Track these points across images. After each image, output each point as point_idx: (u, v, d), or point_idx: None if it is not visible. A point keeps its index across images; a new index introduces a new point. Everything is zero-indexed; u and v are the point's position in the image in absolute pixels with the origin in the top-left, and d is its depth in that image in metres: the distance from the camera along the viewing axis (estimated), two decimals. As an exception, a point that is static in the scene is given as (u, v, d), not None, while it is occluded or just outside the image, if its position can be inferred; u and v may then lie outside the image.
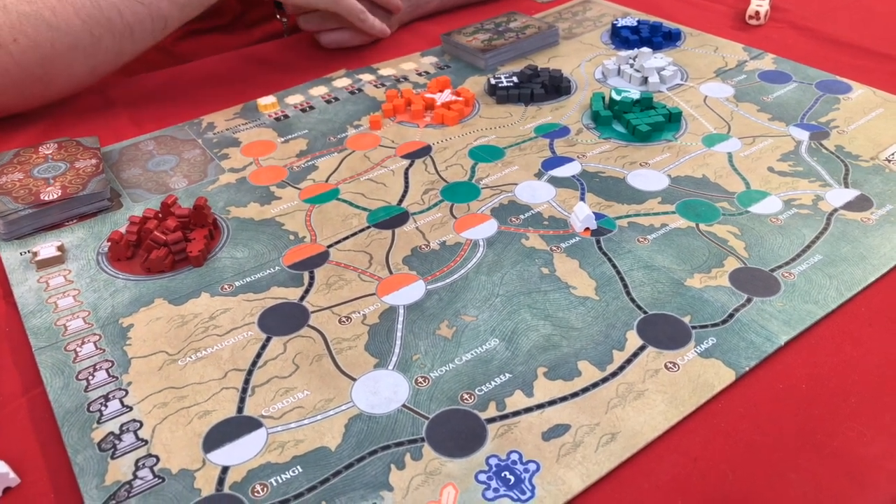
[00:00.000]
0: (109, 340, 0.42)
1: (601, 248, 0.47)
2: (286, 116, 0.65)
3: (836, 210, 0.49)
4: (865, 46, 0.70)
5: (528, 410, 0.37)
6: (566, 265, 0.46)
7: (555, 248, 0.47)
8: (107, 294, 0.46)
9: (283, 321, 0.43)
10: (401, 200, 0.53)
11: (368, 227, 0.50)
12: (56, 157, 0.56)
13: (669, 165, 0.55)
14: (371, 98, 0.67)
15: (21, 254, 0.49)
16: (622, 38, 0.74)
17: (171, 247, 0.47)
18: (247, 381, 0.39)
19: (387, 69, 0.72)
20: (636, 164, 0.55)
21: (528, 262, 0.46)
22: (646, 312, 0.42)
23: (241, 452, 0.35)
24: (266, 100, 0.67)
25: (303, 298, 0.44)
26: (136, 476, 0.34)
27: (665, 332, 0.41)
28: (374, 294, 0.44)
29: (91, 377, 0.40)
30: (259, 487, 0.34)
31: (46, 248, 0.49)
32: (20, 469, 0.36)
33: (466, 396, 0.38)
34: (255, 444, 0.36)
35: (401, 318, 0.43)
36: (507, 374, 0.39)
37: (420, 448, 0.35)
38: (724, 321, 0.41)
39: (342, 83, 0.70)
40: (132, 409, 0.38)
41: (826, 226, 0.48)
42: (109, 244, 0.49)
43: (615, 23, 0.76)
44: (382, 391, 0.38)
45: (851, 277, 0.44)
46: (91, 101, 0.69)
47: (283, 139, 0.62)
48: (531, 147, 0.58)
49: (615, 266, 0.45)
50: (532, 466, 0.34)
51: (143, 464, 0.35)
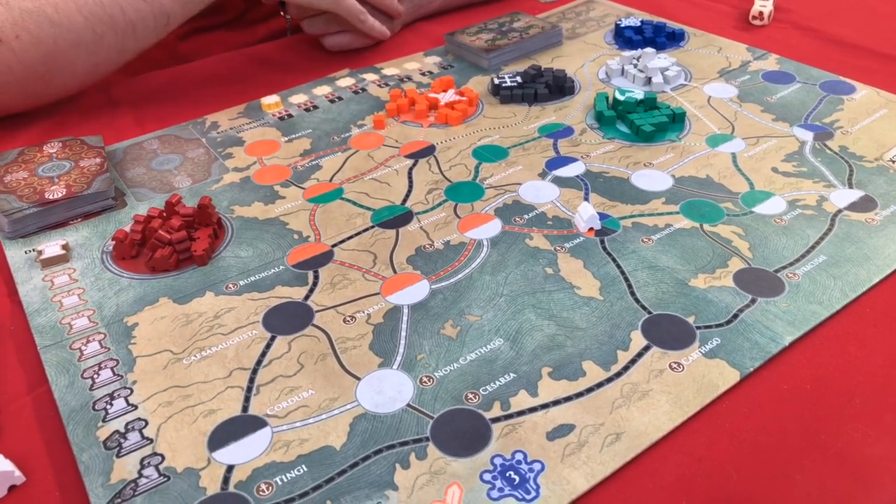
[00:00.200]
0: (114, 339, 0.42)
1: (605, 249, 0.47)
2: (290, 116, 0.65)
3: (841, 211, 0.49)
4: (869, 47, 0.70)
5: (533, 410, 0.37)
6: (570, 265, 0.46)
7: (559, 248, 0.47)
8: (111, 293, 0.46)
9: (288, 320, 0.43)
10: (405, 200, 0.53)
11: (372, 227, 0.50)
12: (60, 156, 0.56)
13: (673, 166, 0.55)
14: (375, 98, 0.67)
15: (26, 252, 0.50)
16: (626, 39, 0.74)
17: (176, 246, 0.47)
18: (251, 380, 0.39)
19: (390, 69, 0.72)
20: (640, 165, 0.55)
21: (533, 262, 0.46)
22: (650, 313, 0.42)
23: (246, 451, 0.35)
24: (269, 99, 0.67)
25: (307, 298, 0.44)
26: (142, 474, 0.34)
27: (669, 333, 0.41)
28: (379, 293, 0.44)
29: (96, 376, 0.40)
30: (264, 486, 0.34)
31: (51, 247, 0.49)
32: (25, 467, 0.36)
33: (471, 396, 0.38)
34: (260, 443, 0.36)
35: (405, 318, 0.43)
36: (512, 374, 0.39)
37: (425, 447, 0.35)
38: (729, 322, 0.41)
39: (346, 83, 0.70)
40: (137, 408, 0.38)
41: (830, 226, 0.48)
42: (114, 243, 0.49)
43: (619, 23, 0.76)
44: (387, 391, 0.38)
45: (856, 278, 0.44)
46: (95, 100, 0.69)
47: (287, 138, 0.62)
48: (535, 147, 0.58)
49: (619, 266, 0.45)
50: (537, 466, 0.34)
51: (149, 462, 0.35)
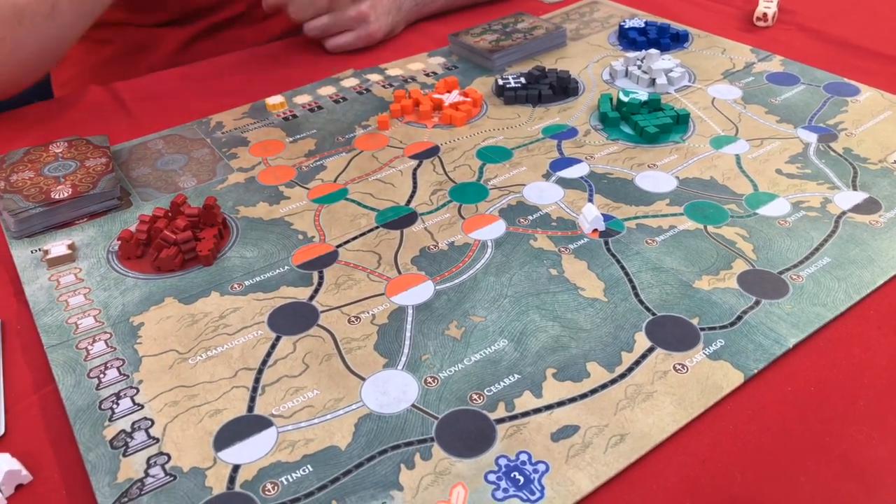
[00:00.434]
0: (120, 339, 0.42)
1: (609, 250, 0.47)
2: (294, 116, 0.65)
3: (845, 213, 0.49)
4: (874, 49, 0.70)
5: (538, 411, 0.37)
6: (574, 266, 0.46)
7: (563, 250, 0.47)
8: (117, 292, 0.46)
9: (293, 321, 0.43)
10: (409, 201, 0.53)
11: (377, 227, 0.50)
12: (66, 156, 0.57)
13: (677, 167, 0.55)
14: (379, 98, 0.68)
15: (32, 252, 0.50)
16: (630, 40, 0.74)
17: (181, 246, 0.48)
18: (257, 381, 0.39)
19: (395, 69, 0.73)
20: (644, 166, 0.55)
21: (537, 263, 0.46)
22: (654, 314, 0.42)
23: (252, 451, 0.36)
24: (274, 99, 0.67)
25: (312, 298, 0.45)
26: (148, 474, 0.35)
27: (673, 334, 0.41)
28: (383, 294, 0.45)
29: (102, 375, 0.40)
30: (270, 486, 0.34)
31: (57, 247, 0.49)
32: (32, 466, 0.36)
33: (475, 397, 0.38)
34: (266, 443, 0.36)
35: (410, 319, 0.43)
36: (516, 375, 0.39)
37: (430, 448, 0.35)
38: (733, 323, 0.41)
39: (350, 83, 0.70)
40: (143, 407, 0.38)
41: (834, 228, 0.48)
42: (120, 243, 0.49)
43: (623, 24, 0.76)
44: (392, 391, 0.38)
45: (860, 280, 0.44)
46: (100, 100, 0.70)
47: (292, 139, 0.62)
48: (539, 148, 0.58)
49: (623, 267, 0.46)
50: (541, 467, 0.34)
51: (155, 462, 0.35)
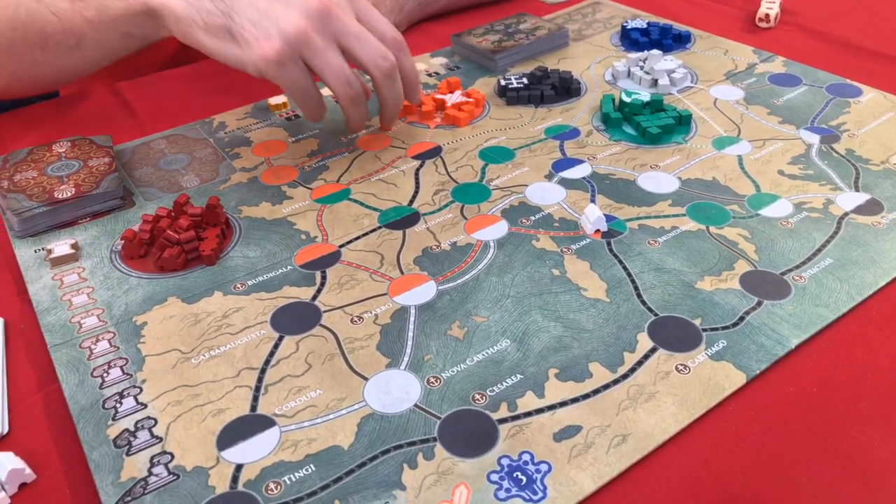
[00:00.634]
0: (123, 338, 0.43)
1: (612, 250, 0.47)
2: (297, 116, 0.65)
3: (847, 214, 0.49)
4: (876, 50, 0.70)
5: (540, 411, 0.37)
6: (577, 267, 0.46)
7: (565, 250, 0.47)
8: (120, 292, 0.46)
9: (296, 320, 0.43)
10: (412, 201, 0.53)
11: (379, 228, 0.51)
12: (69, 156, 0.57)
13: (680, 168, 0.55)
14: (381, 98, 0.67)
15: (35, 251, 0.50)
16: (632, 41, 0.74)
17: (184, 245, 0.48)
18: (260, 380, 0.39)
19: (397, 69, 0.73)
20: (646, 167, 0.55)
21: (539, 264, 0.46)
22: (656, 315, 0.42)
23: (255, 450, 0.36)
24: (276, 99, 0.67)
25: (315, 298, 0.45)
26: (152, 473, 0.35)
27: (676, 335, 0.41)
28: (386, 294, 0.45)
29: (106, 374, 0.40)
30: (273, 485, 0.34)
31: (60, 246, 0.49)
32: (36, 465, 0.36)
33: (478, 397, 0.38)
34: (269, 443, 0.36)
35: (412, 319, 0.43)
36: (519, 375, 0.39)
37: (432, 448, 0.35)
38: (735, 324, 0.41)
39: (352, 83, 0.70)
40: (147, 407, 0.38)
41: (837, 229, 0.48)
42: (123, 242, 0.49)
43: (625, 25, 0.76)
44: (394, 391, 0.38)
45: (862, 281, 0.44)
46: (103, 100, 0.70)
47: (294, 139, 0.62)
48: (541, 148, 0.59)
49: (626, 268, 0.46)
50: (544, 467, 0.34)
51: (158, 461, 0.35)
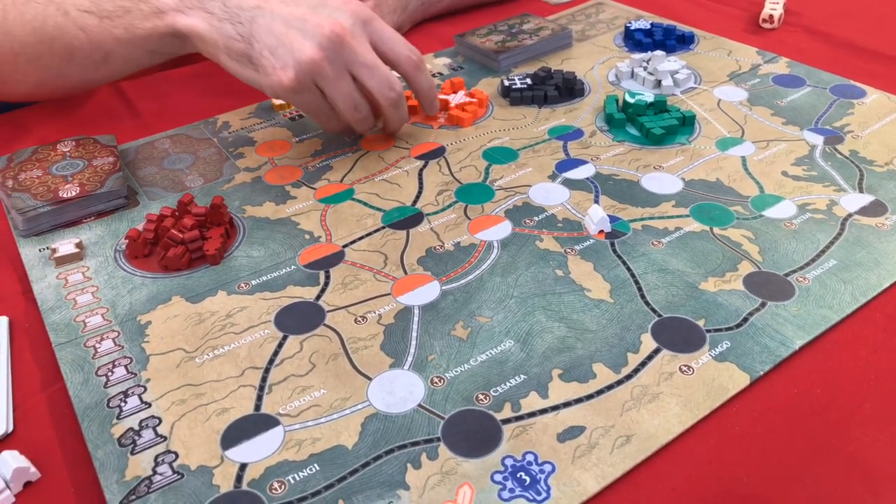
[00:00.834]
0: (128, 337, 0.43)
1: (615, 251, 0.47)
2: (300, 116, 0.66)
3: (851, 215, 0.49)
4: (880, 51, 0.70)
5: (544, 412, 0.37)
6: (580, 267, 0.46)
7: (569, 251, 0.47)
8: (125, 291, 0.46)
9: (300, 320, 0.43)
10: (415, 201, 0.53)
11: (383, 228, 0.51)
12: (74, 155, 0.57)
13: (683, 169, 0.55)
14: (385, 98, 0.68)
15: (40, 250, 0.50)
16: (635, 41, 0.74)
17: (188, 245, 0.48)
18: (264, 379, 0.39)
19: (400, 70, 0.73)
20: (650, 168, 0.55)
21: (543, 264, 0.46)
22: (660, 315, 0.42)
23: (259, 450, 0.36)
24: (280, 99, 0.67)
25: (319, 298, 0.45)
26: (156, 471, 0.35)
27: (679, 336, 0.41)
28: (390, 294, 0.45)
29: (110, 373, 0.40)
30: (277, 485, 0.34)
31: (65, 245, 0.49)
32: (40, 463, 0.36)
33: (482, 397, 0.38)
34: (273, 442, 0.36)
35: (416, 319, 0.43)
36: (522, 376, 0.39)
37: (436, 448, 0.35)
38: (739, 325, 0.41)
39: (356, 83, 0.70)
40: (151, 406, 0.38)
41: (840, 231, 0.48)
42: (127, 241, 0.49)
43: (628, 25, 0.76)
44: (398, 391, 0.38)
45: (866, 283, 0.44)
46: (108, 100, 0.70)
47: (298, 139, 0.62)
48: (545, 149, 0.59)
49: (629, 269, 0.46)
50: (547, 467, 0.34)
51: (163, 459, 0.35)
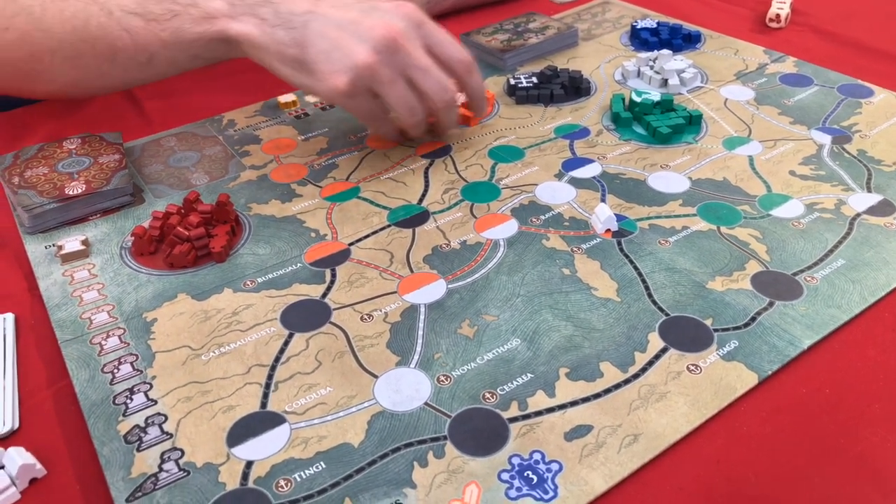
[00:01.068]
0: (134, 334, 0.43)
1: (622, 250, 0.47)
2: (306, 114, 0.65)
3: (859, 215, 0.49)
4: (888, 51, 0.70)
5: (551, 411, 0.37)
6: (587, 266, 0.46)
7: (576, 249, 0.47)
8: (130, 288, 0.46)
9: (306, 318, 0.43)
10: (421, 199, 0.53)
11: (389, 226, 0.50)
12: (80, 152, 0.57)
13: (690, 168, 0.55)
14: (391, 97, 0.67)
15: (46, 247, 0.50)
16: (642, 40, 0.74)
17: (194, 242, 0.48)
18: (270, 377, 0.39)
19: (406, 68, 0.72)
20: (657, 166, 0.55)
21: (549, 263, 0.46)
22: (667, 314, 0.42)
23: (265, 447, 0.36)
24: (286, 97, 0.67)
25: (325, 295, 0.45)
26: (162, 469, 0.35)
27: (687, 335, 0.41)
28: (396, 292, 0.45)
29: (116, 370, 0.40)
30: (283, 482, 0.34)
31: (71, 242, 0.49)
32: (46, 460, 0.36)
33: (488, 395, 0.38)
34: (279, 440, 0.36)
35: (422, 317, 0.43)
36: (529, 374, 0.39)
37: (442, 446, 0.35)
38: (747, 324, 0.41)
39: (362, 82, 0.70)
40: (157, 403, 0.38)
41: (849, 230, 0.48)
42: (133, 239, 0.49)
43: (635, 24, 0.76)
44: (404, 389, 0.38)
45: (875, 282, 0.43)
46: (114, 97, 0.70)
47: (304, 137, 0.62)
48: (551, 148, 0.58)
49: (636, 268, 0.45)
50: (555, 466, 0.34)
51: (169, 457, 0.35)
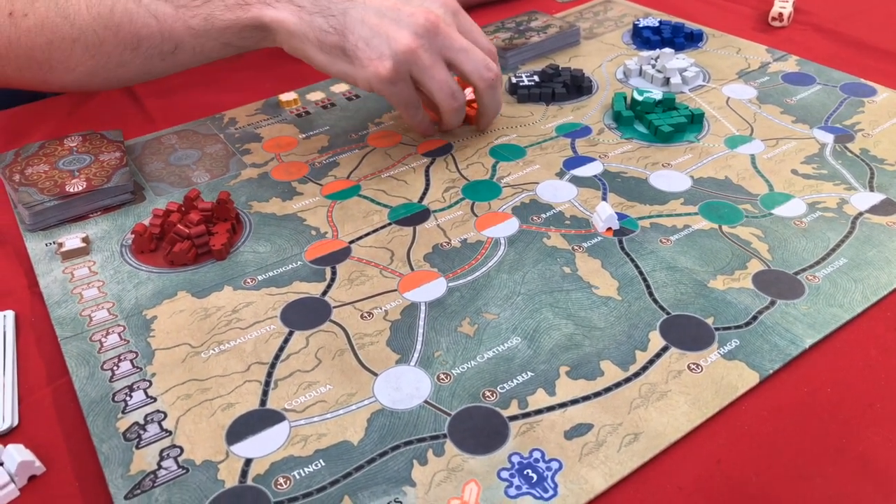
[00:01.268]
0: (133, 332, 0.43)
1: (623, 249, 0.47)
2: (307, 113, 0.65)
3: (862, 214, 0.49)
4: (890, 50, 0.69)
5: (551, 409, 0.37)
6: (588, 265, 0.46)
7: (577, 248, 0.47)
8: (130, 286, 0.46)
9: (306, 315, 0.43)
10: (422, 198, 0.53)
11: (390, 224, 0.50)
12: (81, 150, 0.57)
13: (692, 166, 0.55)
14: (392, 95, 0.67)
15: (46, 245, 0.50)
16: (644, 39, 0.74)
17: (195, 240, 0.48)
18: (269, 375, 0.39)
19: (407, 67, 0.72)
20: (658, 165, 0.55)
21: (550, 262, 0.46)
22: (668, 313, 0.42)
23: (264, 445, 0.36)
24: (287, 96, 0.67)
25: (325, 293, 0.45)
26: (161, 466, 0.35)
27: (688, 333, 0.40)
28: (396, 290, 0.44)
29: (116, 367, 0.40)
30: (282, 480, 0.34)
31: (71, 240, 0.49)
32: (45, 457, 0.36)
33: (488, 394, 0.38)
34: (278, 438, 0.36)
35: (422, 315, 0.43)
36: (530, 373, 0.39)
37: (442, 444, 0.35)
38: (748, 323, 0.41)
39: (363, 80, 0.70)
40: (156, 400, 0.38)
41: (851, 229, 0.47)
42: (133, 236, 0.49)
43: (637, 23, 0.75)
44: (404, 387, 0.38)
45: (877, 282, 0.43)
46: (114, 95, 0.70)
47: (305, 135, 0.62)
48: (552, 146, 0.58)
49: (637, 266, 0.45)
50: (554, 465, 0.34)
51: (168, 454, 0.35)
